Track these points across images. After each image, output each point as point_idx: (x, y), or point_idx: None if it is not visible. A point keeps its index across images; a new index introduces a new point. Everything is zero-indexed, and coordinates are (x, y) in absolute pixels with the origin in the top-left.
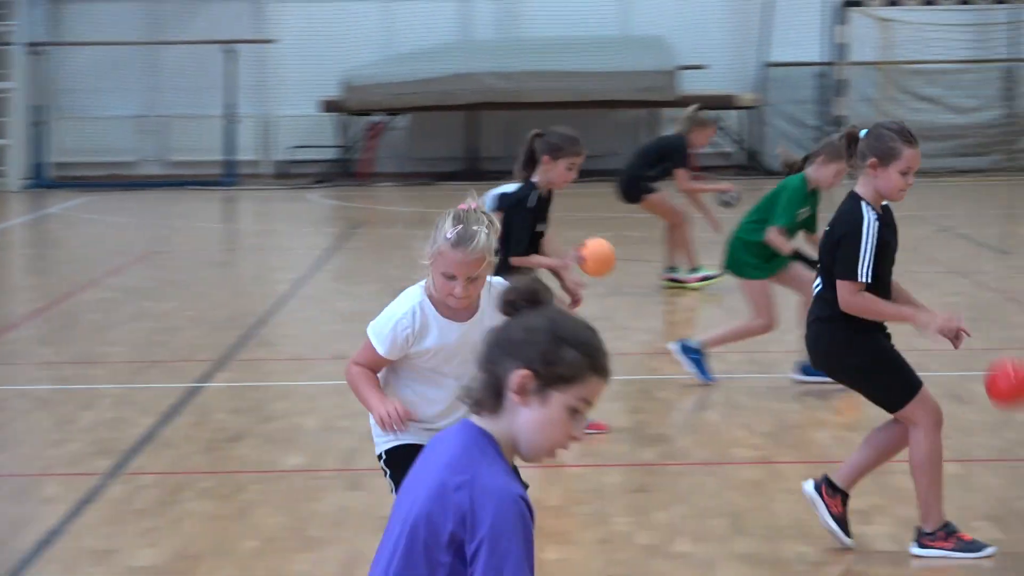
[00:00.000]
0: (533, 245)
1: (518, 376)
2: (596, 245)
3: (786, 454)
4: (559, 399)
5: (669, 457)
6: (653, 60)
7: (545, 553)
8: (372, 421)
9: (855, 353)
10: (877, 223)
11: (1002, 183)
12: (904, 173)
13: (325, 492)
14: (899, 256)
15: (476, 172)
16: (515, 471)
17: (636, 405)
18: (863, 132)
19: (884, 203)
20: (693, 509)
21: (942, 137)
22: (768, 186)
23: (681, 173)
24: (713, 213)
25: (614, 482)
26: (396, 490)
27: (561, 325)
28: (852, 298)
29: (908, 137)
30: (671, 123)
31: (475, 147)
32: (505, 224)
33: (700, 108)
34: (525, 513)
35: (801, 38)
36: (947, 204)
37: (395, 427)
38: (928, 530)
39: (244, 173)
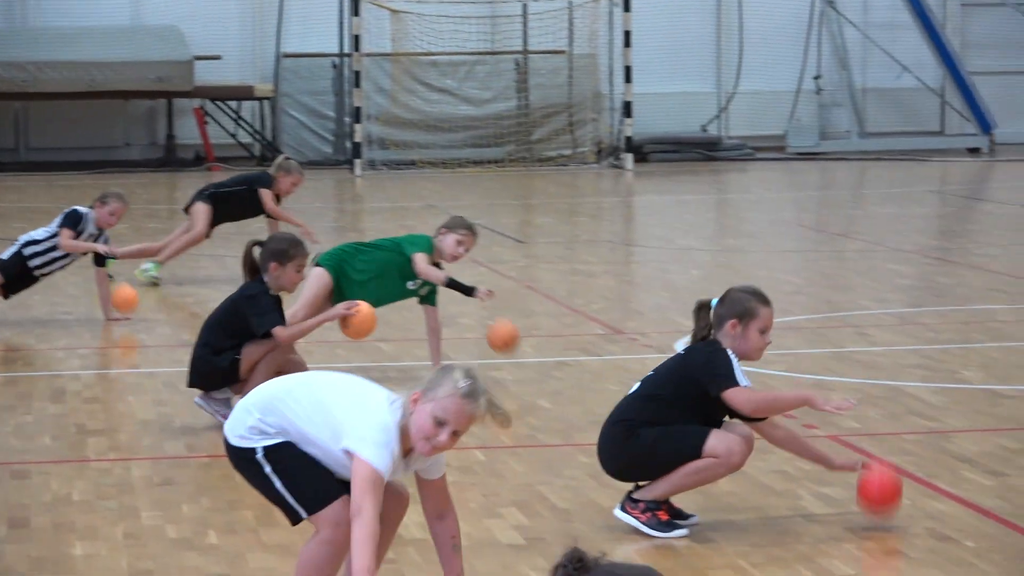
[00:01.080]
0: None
1: None
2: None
3: None
4: None
5: (195, 450)
6: (167, 50)
7: (72, 549)
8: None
9: (659, 443)
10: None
11: (518, 173)
12: (763, 331)
13: None
14: None
15: None
16: None
17: (160, 398)
18: (714, 301)
19: None
20: (221, 501)
21: (458, 128)
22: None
23: (266, 194)
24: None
25: (140, 476)
26: (283, 483)
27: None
28: (752, 396)
29: (763, 297)
30: (187, 113)
31: None
32: (247, 307)
33: (287, 158)
34: None
35: (317, 29)
36: (464, 194)
37: None
38: (636, 496)
39: None
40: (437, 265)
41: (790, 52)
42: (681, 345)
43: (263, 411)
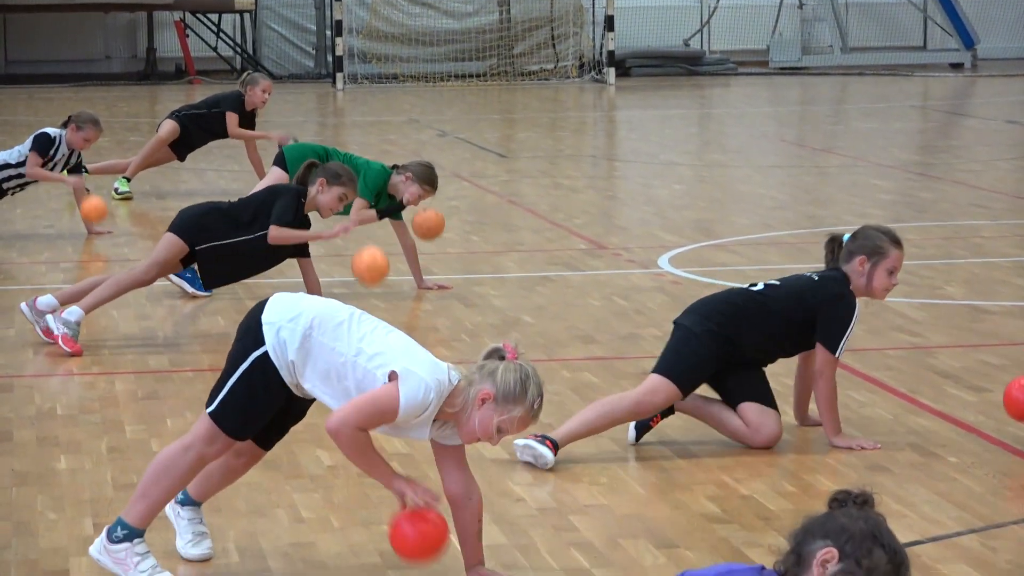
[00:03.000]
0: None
1: (824, 552)
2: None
3: None
4: None
5: (179, 364)
6: None
7: (57, 463)
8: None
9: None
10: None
11: (500, 87)
12: (891, 272)
13: None
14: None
15: None
16: None
17: (143, 312)
18: (846, 236)
19: None
20: None
21: (440, 42)
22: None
23: (231, 117)
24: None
25: (124, 390)
26: (235, 379)
27: (881, 531)
28: (829, 370)
29: (896, 239)
30: (167, 26)
31: None
32: (274, 196)
33: (252, 72)
34: None
35: None
36: (446, 109)
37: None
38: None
39: None
40: (392, 197)
41: None
42: (666, 261)
43: (316, 327)
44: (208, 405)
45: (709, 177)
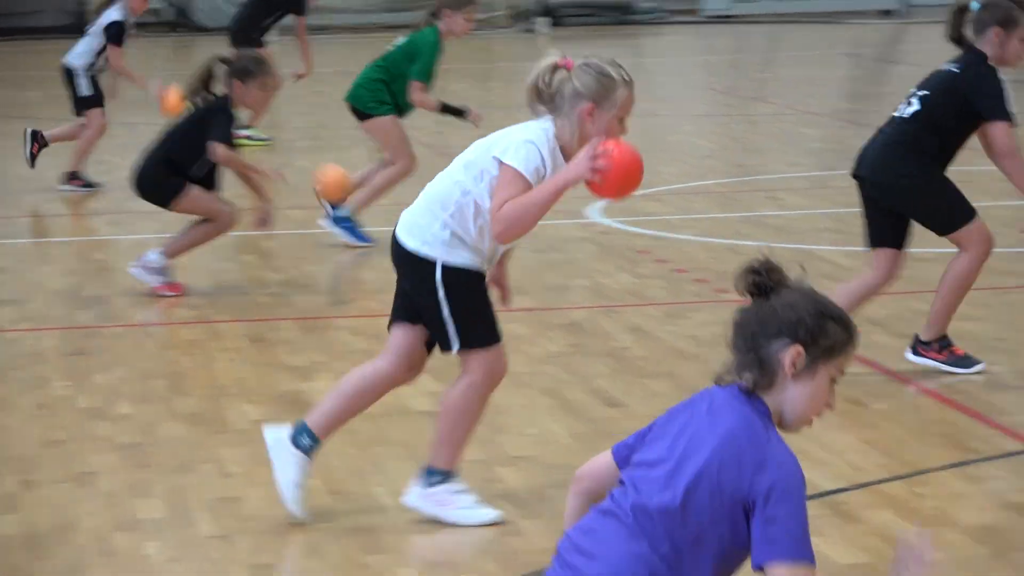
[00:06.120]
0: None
1: (792, 353)
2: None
3: (223, 314)
4: (824, 371)
5: (107, 319)
6: None
7: None
8: (431, 230)
9: (921, 175)
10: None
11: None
12: (1023, 40)
13: None
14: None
15: None
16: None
17: (70, 267)
18: (974, 4)
19: None
20: (133, 371)
21: None
22: (200, 43)
23: (302, 22)
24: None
25: (52, 346)
26: (448, 310)
27: (821, 301)
28: (1012, 142)
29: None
30: None
31: None
32: (210, 117)
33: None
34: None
35: None
36: None
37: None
38: (924, 339)
39: None
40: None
41: None
42: (595, 211)
43: (444, 206)
44: (452, 348)
45: (640, 127)
